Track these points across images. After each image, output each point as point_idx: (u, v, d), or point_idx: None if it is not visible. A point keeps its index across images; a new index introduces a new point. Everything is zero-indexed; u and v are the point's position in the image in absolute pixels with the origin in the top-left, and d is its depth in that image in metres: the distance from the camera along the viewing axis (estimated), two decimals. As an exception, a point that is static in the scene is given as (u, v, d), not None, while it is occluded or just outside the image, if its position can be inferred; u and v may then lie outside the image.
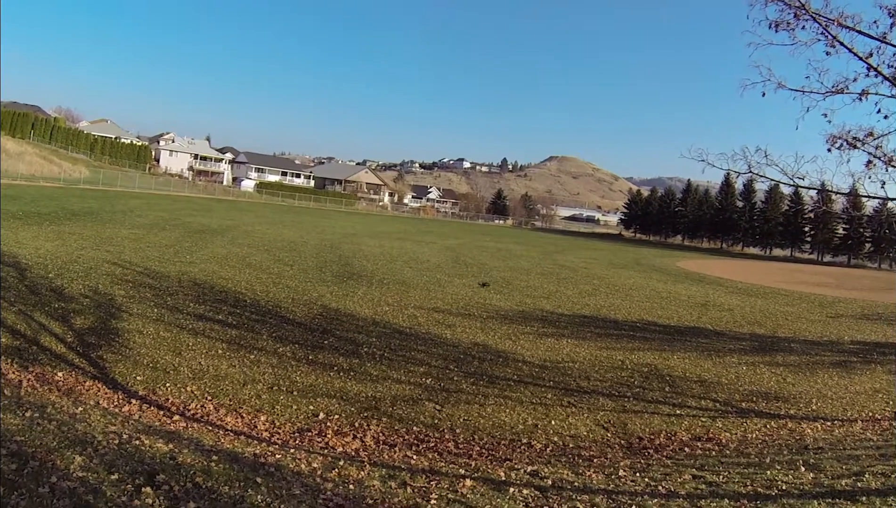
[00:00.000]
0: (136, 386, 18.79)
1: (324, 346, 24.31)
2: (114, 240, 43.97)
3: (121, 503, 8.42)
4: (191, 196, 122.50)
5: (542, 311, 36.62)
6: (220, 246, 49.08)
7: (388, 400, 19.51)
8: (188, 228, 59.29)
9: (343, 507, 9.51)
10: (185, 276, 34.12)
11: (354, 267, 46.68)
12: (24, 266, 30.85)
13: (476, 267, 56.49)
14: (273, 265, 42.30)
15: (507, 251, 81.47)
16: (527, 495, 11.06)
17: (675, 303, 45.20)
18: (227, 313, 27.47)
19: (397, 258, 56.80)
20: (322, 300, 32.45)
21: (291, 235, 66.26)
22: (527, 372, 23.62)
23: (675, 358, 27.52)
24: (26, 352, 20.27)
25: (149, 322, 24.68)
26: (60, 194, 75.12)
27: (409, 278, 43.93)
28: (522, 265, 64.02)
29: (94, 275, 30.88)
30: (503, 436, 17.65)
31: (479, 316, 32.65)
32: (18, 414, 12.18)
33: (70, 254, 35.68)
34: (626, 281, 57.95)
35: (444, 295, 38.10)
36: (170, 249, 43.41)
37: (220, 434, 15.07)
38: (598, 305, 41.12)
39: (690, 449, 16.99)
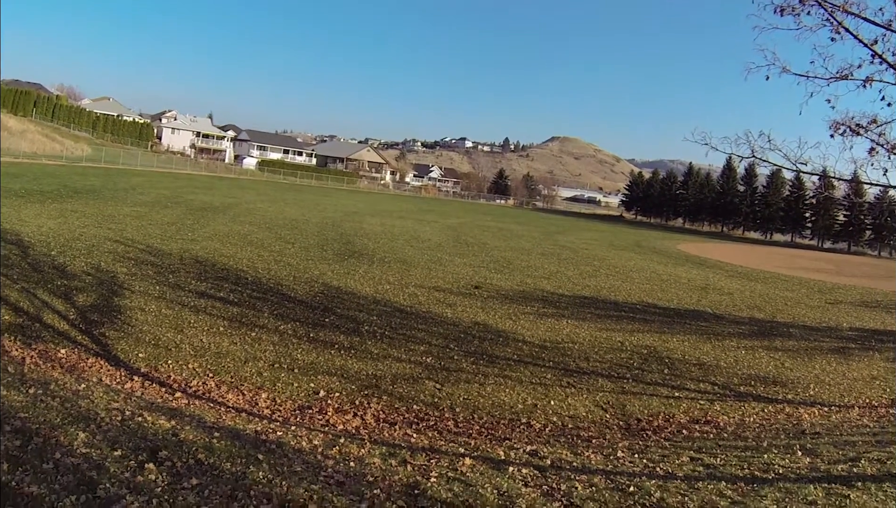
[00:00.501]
0: (139, 363, 18.87)
1: (325, 324, 24.39)
2: (116, 217, 43.99)
3: (124, 479, 8.51)
4: (193, 173, 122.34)
5: (542, 292, 36.69)
6: (221, 223, 49.11)
7: (389, 378, 19.59)
8: (190, 206, 59.28)
9: (344, 484, 9.58)
10: (187, 254, 34.17)
11: (356, 245, 46.75)
12: (27, 243, 30.90)
13: (477, 247, 56.53)
14: (275, 243, 42.34)
15: (509, 231, 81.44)
16: (526, 474, 11.12)
17: (675, 286, 45.27)
18: (228, 290, 27.54)
19: (398, 236, 56.85)
20: (323, 278, 32.53)
21: (293, 213, 66.24)
22: (527, 352, 23.70)
23: (674, 341, 27.62)
24: (29, 330, 20.36)
25: (151, 299, 24.76)
26: (63, 172, 75.05)
27: (411, 257, 44.00)
28: (523, 245, 64.04)
29: (97, 253, 30.94)
30: (503, 416, 17.75)
31: (480, 296, 32.71)
32: (22, 391, 12.26)
33: (72, 231, 35.72)
34: (626, 263, 57.99)
35: (444, 274, 38.16)
36: (172, 227, 43.46)
37: (221, 412, 15.16)
38: (599, 286, 41.17)
39: (688, 432, 17.06)
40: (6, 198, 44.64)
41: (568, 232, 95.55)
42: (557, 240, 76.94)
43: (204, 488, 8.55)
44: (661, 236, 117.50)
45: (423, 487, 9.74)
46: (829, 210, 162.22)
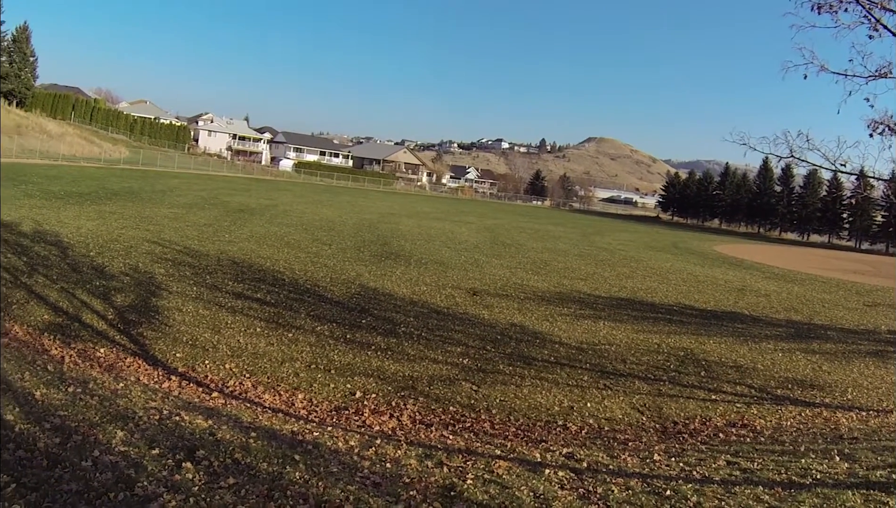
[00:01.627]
0: (176, 362, 18.98)
1: (362, 325, 24.39)
2: (153, 219, 44.31)
3: (161, 477, 8.53)
4: (229, 175, 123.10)
5: (579, 293, 36.56)
6: (258, 225, 49.28)
7: (426, 379, 19.56)
8: (227, 207, 59.58)
9: (380, 485, 9.56)
10: (224, 255, 34.33)
11: (393, 246, 46.77)
12: (66, 244, 31.18)
13: (514, 248, 56.42)
14: (311, 244, 42.44)
15: (545, 232, 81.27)
16: (562, 477, 11.05)
17: (712, 287, 44.94)
18: (265, 291, 27.62)
19: (435, 238, 56.84)
20: (360, 279, 32.56)
21: (330, 215, 66.39)
22: (563, 354, 23.59)
23: (711, 343, 27.39)
24: (68, 329, 20.56)
25: (188, 300, 24.89)
26: (101, 174, 75.72)
27: (447, 258, 43.97)
28: (560, 246, 63.83)
29: (135, 254, 31.16)
30: (539, 418, 17.68)
31: (517, 297, 32.62)
32: (61, 389, 12.34)
33: (111, 232, 36.00)
34: (663, 265, 57.66)
35: (481, 276, 38.09)
36: (209, 228, 43.68)
37: (258, 412, 15.18)
38: (636, 288, 40.98)
39: (725, 435, 16.93)
40: (46, 200, 45.14)
41: (605, 233, 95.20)
42: (594, 241, 76.68)
43: (241, 487, 8.56)
44: (698, 237, 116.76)
45: (460, 489, 9.71)
46: (867, 210, 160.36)
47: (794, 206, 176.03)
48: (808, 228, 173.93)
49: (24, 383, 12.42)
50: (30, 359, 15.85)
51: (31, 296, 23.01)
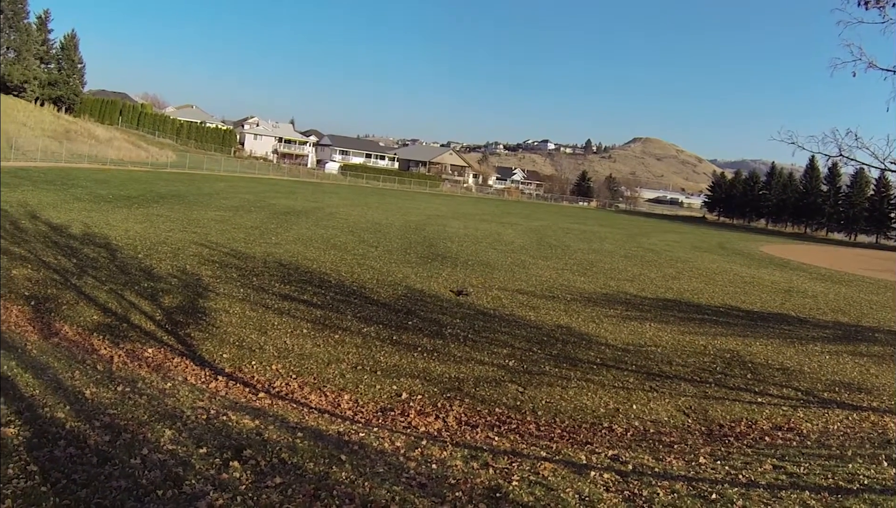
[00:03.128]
0: (223, 363, 19.11)
1: (408, 327, 24.41)
2: (200, 221, 44.69)
3: (209, 475, 8.57)
4: (275, 178, 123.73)
5: (625, 294, 36.39)
6: (304, 227, 49.51)
7: (471, 381, 19.53)
8: (273, 210, 59.90)
9: (425, 486, 9.54)
10: (271, 257, 34.52)
11: (439, 248, 46.81)
12: (115, 247, 31.53)
13: (560, 249, 56.27)
14: (358, 246, 42.56)
15: (592, 233, 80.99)
16: (607, 479, 10.98)
17: (759, 289, 44.52)
18: (311, 293, 27.73)
19: (481, 239, 56.80)
20: (406, 281, 32.61)
21: (376, 217, 66.57)
22: (609, 356, 23.47)
23: (757, 345, 27.11)
24: (117, 330, 20.78)
25: (235, 301, 25.05)
26: (148, 178, 76.43)
27: (493, 260, 43.92)
28: (606, 247, 63.59)
29: (182, 256, 31.45)
30: (584, 419, 17.59)
31: (563, 299, 32.52)
32: (111, 389, 12.46)
33: (158, 235, 36.35)
34: (709, 265, 57.21)
35: (528, 277, 38.02)
36: (255, 231, 43.94)
37: (304, 412, 15.25)
38: (682, 289, 40.74)
39: (771, 439, 16.73)
40: (95, 203, 45.70)
41: (651, 233, 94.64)
42: (640, 241, 76.26)
43: (287, 487, 8.58)
44: (744, 237, 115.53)
45: (505, 490, 9.68)
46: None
47: (841, 206, 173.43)
48: (856, 228, 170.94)
49: (75, 382, 12.57)
50: (80, 359, 16.05)
51: (80, 297, 23.28)
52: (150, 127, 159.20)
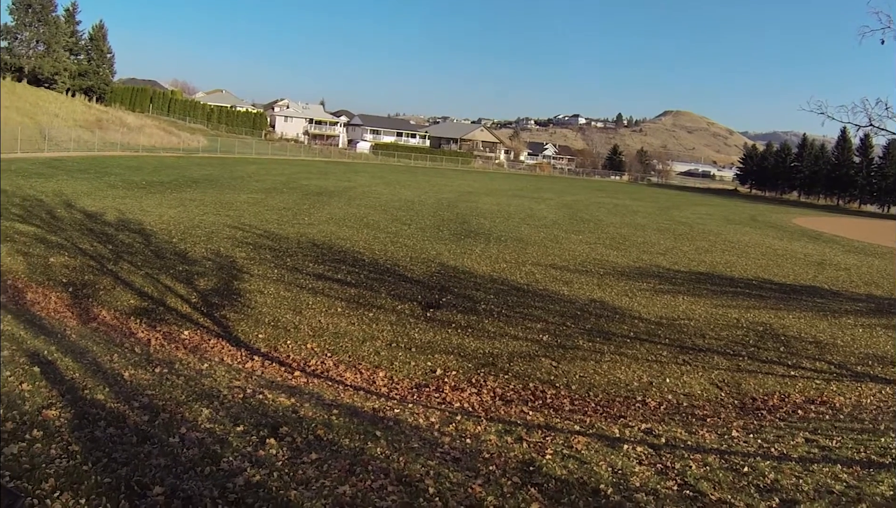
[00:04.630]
0: (259, 343, 19.29)
1: (442, 303, 24.49)
2: (233, 204, 44.92)
3: (246, 452, 8.71)
4: (307, 159, 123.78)
5: (658, 268, 36.40)
6: (337, 207, 49.66)
7: (505, 356, 19.61)
8: (305, 191, 60.07)
9: (460, 460, 9.63)
10: (304, 238, 34.72)
11: (471, 224, 46.91)
12: (149, 232, 31.80)
13: (593, 224, 56.19)
14: (390, 224, 42.73)
15: (624, 207, 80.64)
16: (640, 452, 11.06)
17: (791, 261, 44.33)
18: (345, 272, 27.89)
19: (514, 215, 56.80)
20: (440, 258, 32.74)
21: (408, 195, 66.66)
22: (643, 329, 23.50)
23: (790, 318, 27.02)
24: (154, 313, 21.03)
25: (269, 282, 25.24)
26: (180, 163, 76.71)
27: (526, 235, 43.99)
28: (639, 221, 63.41)
29: (216, 239, 31.69)
30: (618, 393, 17.65)
31: (596, 273, 32.52)
32: (148, 370, 12.63)
33: (192, 219, 36.61)
34: (741, 238, 56.88)
35: (561, 252, 38.06)
36: (288, 212, 44.14)
37: (339, 390, 15.38)
38: (714, 262, 40.65)
39: (804, 412, 16.72)
40: (129, 190, 46.06)
41: (683, 207, 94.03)
42: (672, 215, 75.88)
43: (323, 462, 8.70)
44: (776, 210, 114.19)
45: (539, 464, 9.76)
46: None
47: (874, 178, 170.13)
48: (889, 200, 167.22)
49: (113, 364, 12.74)
50: (118, 342, 16.27)
51: (117, 282, 23.55)
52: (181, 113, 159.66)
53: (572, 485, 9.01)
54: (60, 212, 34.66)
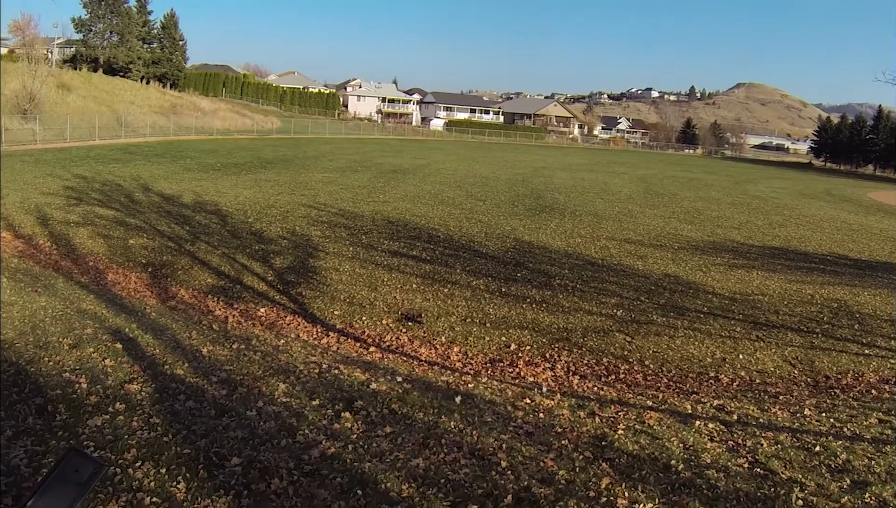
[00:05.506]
0: (334, 319, 19.50)
1: (516, 278, 24.52)
2: (308, 184, 45.25)
3: (322, 426, 8.86)
4: (380, 138, 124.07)
5: (732, 242, 35.95)
6: (411, 184, 49.86)
7: (579, 331, 19.57)
8: (379, 169, 60.29)
9: (532, 434, 9.67)
10: (379, 215, 34.90)
11: (546, 199, 46.82)
12: (225, 212, 32.21)
13: (667, 198, 55.68)
14: (465, 200, 42.80)
15: (698, 181, 79.69)
16: (712, 429, 11.02)
17: (866, 237, 43.28)
18: (420, 249, 28.01)
19: (588, 190, 56.55)
20: (515, 233, 32.73)
21: (483, 171, 66.59)
22: (716, 304, 23.27)
23: (865, 295, 26.41)
24: (231, 291, 21.36)
25: (344, 260, 25.43)
26: (254, 145, 77.31)
27: (601, 209, 43.80)
28: (712, 195, 62.60)
29: (291, 218, 31.98)
30: (691, 369, 17.56)
31: (671, 247, 32.28)
32: (226, 346, 12.88)
33: (267, 199, 36.97)
34: (816, 212, 55.64)
35: (635, 226, 37.83)
36: (362, 190, 44.38)
37: (414, 365, 15.52)
38: (789, 236, 40.01)
39: (877, 392, 16.43)
40: (204, 172, 46.65)
41: (757, 180, 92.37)
42: (746, 189, 74.61)
43: (397, 436, 8.82)
44: (851, 184, 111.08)
45: (611, 439, 9.78)
46: None
47: None
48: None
49: (192, 341, 13.01)
50: (196, 320, 16.60)
51: (194, 262, 23.94)
52: (254, 95, 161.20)
53: (643, 461, 9.01)
54: (138, 195, 35.28)
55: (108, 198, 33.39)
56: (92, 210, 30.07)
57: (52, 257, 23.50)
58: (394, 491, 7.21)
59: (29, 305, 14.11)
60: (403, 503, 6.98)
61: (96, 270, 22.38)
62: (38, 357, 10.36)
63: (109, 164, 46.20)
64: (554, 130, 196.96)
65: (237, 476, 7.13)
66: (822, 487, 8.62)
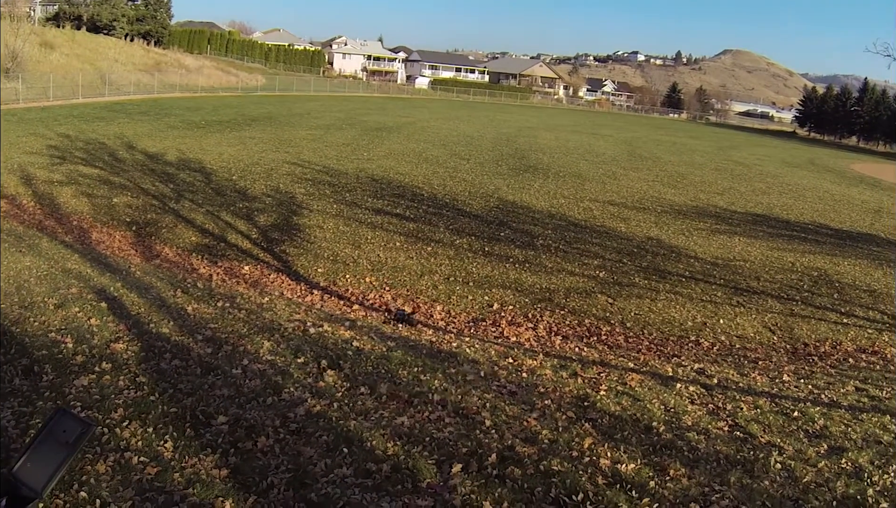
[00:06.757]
0: (318, 277, 19.60)
1: (499, 238, 24.62)
2: (292, 141, 45.03)
3: (307, 383, 8.94)
4: (365, 96, 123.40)
5: (715, 207, 36.15)
6: (396, 142, 49.69)
7: (562, 291, 19.72)
8: (364, 127, 59.99)
9: (516, 394, 9.78)
10: (363, 173, 34.89)
11: (530, 159, 46.88)
12: (210, 170, 32.08)
13: (651, 161, 55.79)
14: (449, 159, 42.81)
15: (682, 145, 79.57)
16: (692, 392, 11.18)
17: (848, 207, 43.39)
18: (404, 207, 28.06)
19: (573, 151, 56.54)
20: (498, 193, 32.82)
21: (467, 130, 66.28)
22: (698, 269, 23.49)
23: (845, 264, 26.65)
24: (215, 249, 21.41)
25: (328, 217, 25.47)
26: (239, 102, 76.72)
27: (585, 171, 43.89)
28: (696, 160, 62.63)
29: (275, 176, 31.90)
30: (672, 332, 17.77)
31: (654, 211, 32.41)
32: (211, 304, 12.91)
33: (251, 157, 36.81)
34: (799, 181, 55.68)
35: (619, 189, 37.94)
36: (347, 148, 44.24)
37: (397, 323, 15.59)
38: (771, 204, 40.16)
39: (855, 360, 16.67)
40: (189, 130, 46.20)
41: (741, 147, 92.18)
42: (730, 155, 74.52)
43: (381, 393, 8.89)
44: (835, 154, 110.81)
45: (593, 399, 9.92)
46: None
47: None
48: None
49: (177, 299, 13.04)
50: (181, 278, 16.60)
51: (179, 220, 23.92)
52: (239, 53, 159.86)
53: (625, 422, 9.13)
54: (122, 153, 35.04)
55: (92, 156, 33.15)
56: (76, 169, 29.87)
57: (36, 217, 23.37)
58: (379, 449, 7.30)
59: (13, 265, 14.09)
60: (389, 461, 7.06)
61: (80, 229, 22.31)
62: (23, 317, 10.38)
63: (93, 123, 45.74)
64: (539, 91, 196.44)
65: (224, 434, 7.19)
66: (800, 452, 8.76)
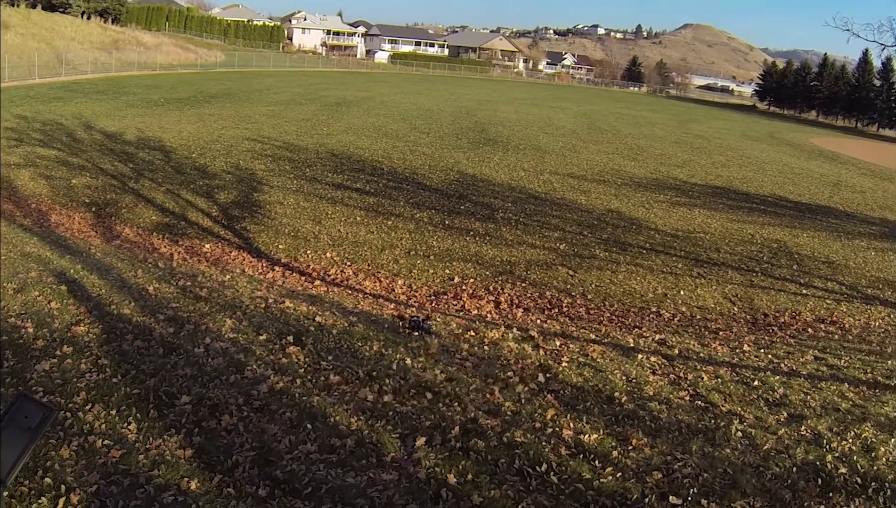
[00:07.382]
0: (279, 254, 19.62)
1: (460, 211, 24.73)
2: (252, 117, 44.68)
3: (269, 360, 8.99)
4: (325, 70, 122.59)
5: (675, 180, 36.44)
6: (356, 117, 49.49)
7: (523, 264, 19.86)
8: (324, 102, 59.68)
9: (478, 367, 9.86)
10: (323, 148, 34.78)
11: (490, 133, 46.88)
12: (169, 148, 31.84)
13: (611, 134, 55.98)
14: (409, 133, 42.79)
15: (642, 118, 79.69)
16: (654, 362, 11.35)
17: (807, 180, 43.81)
18: (364, 181, 28.07)
19: (533, 124, 56.58)
20: (458, 166, 32.88)
21: (427, 103, 66.17)
22: (658, 241, 23.72)
23: (804, 236, 27.06)
24: (176, 228, 21.33)
25: (289, 193, 25.43)
26: (198, 79, 76.02)
27: (545, 144, 43.97)
28: (656, 133, 62.85)
29: (235, 153, 31.73)
30: (633, 304, 17.97)
31: (614, 183, 32.59)
32: (172, 284, 12.90)
33: (211, 134, 36.56)
34: (759, 155, 55.97)
35: (579, 161, 38.08)
36: (307, 123, 44.05)
37: (359, 298, 15.68)
38: (731, 177, 40.52)
39: (813, 331, 17.00)
40: (147, 108, 45.72)
41: (701, 120, 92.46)
42: (690, 128, 74.79)
43: (343, 368, 8.96)
44: (794, 128, 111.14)
45: (555, 371, 10.03)
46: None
47: (894, 102, 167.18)
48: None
49: (138, 280, 13.00)
50: (141, 258, 16.57)
51: (138, 200, 23.77)
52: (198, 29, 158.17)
53: (587, 392, 9.26)
54: (80, 134, 34.67)
55: (50, 137, 32.77)
56: (33, 150, 29.51)
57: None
58: (343, 425, 7.37)
59: (-30, 250, 13.98)
60: (353, 436, 7.13)
61: (39, 212, 22.11)
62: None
63: (50, 103, 45.14)
64: (499, 64, 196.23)
65: (187, 414, 7.23)
66: (761, 420, 8.92)
